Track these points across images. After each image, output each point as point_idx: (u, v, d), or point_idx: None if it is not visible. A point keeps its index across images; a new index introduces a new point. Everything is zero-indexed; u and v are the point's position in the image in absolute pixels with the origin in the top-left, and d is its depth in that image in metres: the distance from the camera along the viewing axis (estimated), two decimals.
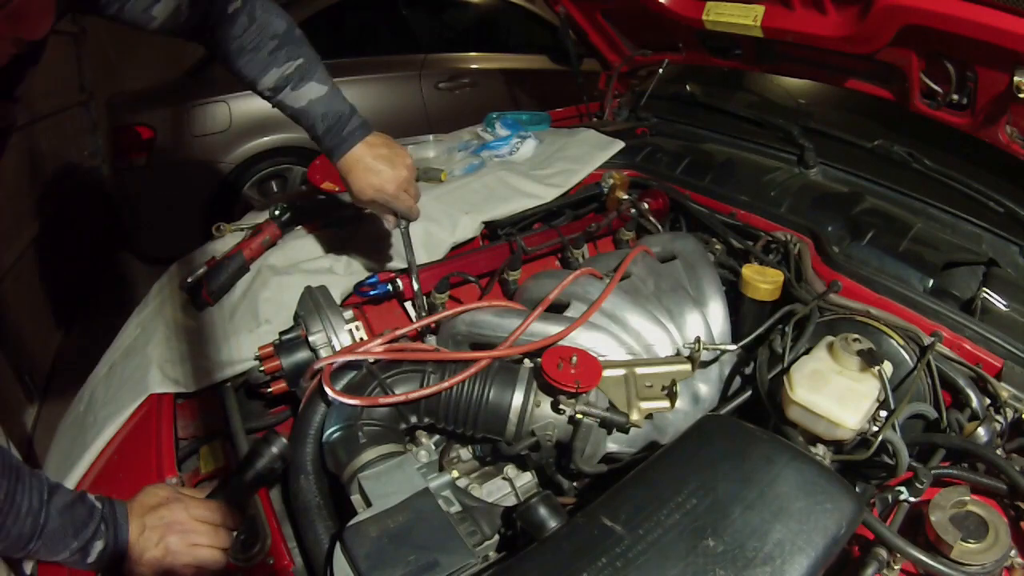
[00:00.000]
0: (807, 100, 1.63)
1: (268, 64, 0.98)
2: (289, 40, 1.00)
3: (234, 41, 0.97)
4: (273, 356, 1.02)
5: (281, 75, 0.99)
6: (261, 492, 0.91)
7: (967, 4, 0.95)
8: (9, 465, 0.66)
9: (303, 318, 1.04)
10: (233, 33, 0.96)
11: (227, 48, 0.98)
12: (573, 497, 0.91)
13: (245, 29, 0.96)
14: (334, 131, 1.04)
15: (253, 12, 0.97)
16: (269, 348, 1.04)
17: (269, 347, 1.04)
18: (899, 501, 0.79)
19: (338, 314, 1.04)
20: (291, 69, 0.99)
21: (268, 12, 0.99)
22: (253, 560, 0.83)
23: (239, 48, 0.97)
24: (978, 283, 1.08)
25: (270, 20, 0.98)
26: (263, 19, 0.98)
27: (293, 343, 1.03)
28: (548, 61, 3.74)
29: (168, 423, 1.05)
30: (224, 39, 0.97)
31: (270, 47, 0.98)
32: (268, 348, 1.04)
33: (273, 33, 0.98)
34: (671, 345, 1.08)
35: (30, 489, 0.66)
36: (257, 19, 0.97)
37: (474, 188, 1.47)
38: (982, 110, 1.09)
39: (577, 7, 1.84)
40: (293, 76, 0.99)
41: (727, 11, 1.43)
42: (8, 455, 0.67)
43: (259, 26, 0.97)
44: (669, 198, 1.46)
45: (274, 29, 0.98)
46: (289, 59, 0.99)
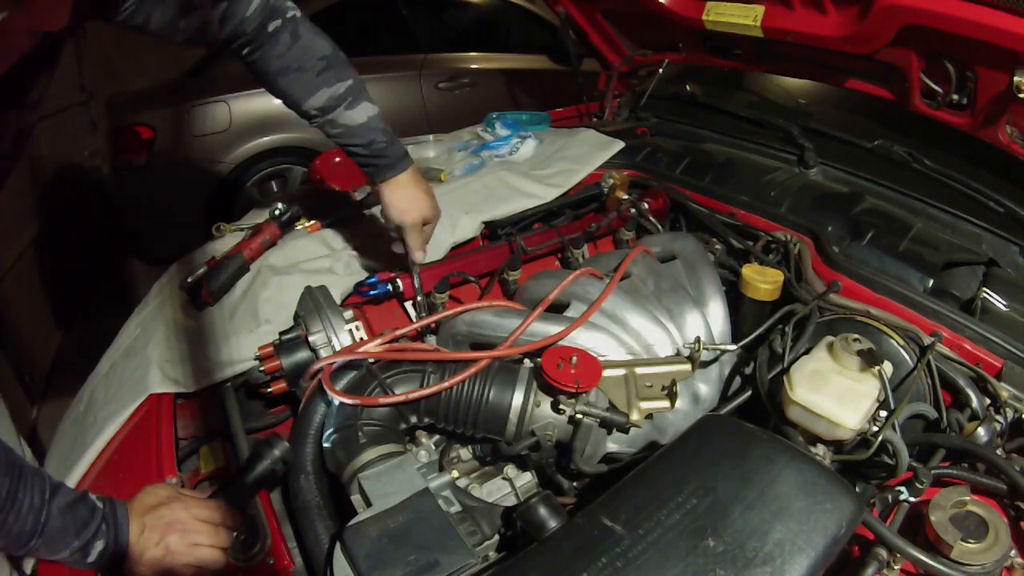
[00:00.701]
0: (807, 100, 1.63)
1: (318, 85, 1.00)
2: (337, 61, 1.02)
3: (277, 60, 0.98)
4: (273, 356, 1.02)
5: (333, 95, 1.01)
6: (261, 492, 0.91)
7: (967, 4, 0.95)
8: (11, 463, 0.66)
9: (303, 318, 1.04)
10: (276, 52, 0.97)
11: (268, 67, 0.99)
12: (573, 497, 0.91)
13: (288, 48, 0.97)
14: (390, 151, 1.08)
15: (297, 31, 0.98)
16: (269, 348, 1.04)
17: (269, 347, 1.04)
18: (899, 501, 0.79)
19: (338, 314, 1.04)
20: (343, 89, 1.01)
21: (313, 33, 1.01)
22: (253, 560, 0.83)
23: (283, 67, 0.99)
24: (978, 283, 1.08)
25: (316, 41, 1.00)
26: (308, 39, 0.99)
27: (293, 343, 1.03)
28: (548, 61, 3.74)
29: (168, 423, 1.05)
30: (265, 58, 0.98)
31: (318, 68, 0.99)
32: (268, 348, 1.04)
33: (321, 55, 1.00)
34: (671, 345, 1.08)
35: (32, 487, 0.66)
36: (301, 38, 0.98)
37: (474, 188, 1.47)
38: (982, 110, 1.09)
39: (577, 7, 1.84)
40: (346, 96, 1.02)
41: (727, 11, 1.43)
42: (11, 453, 0.67)
43: (303, 46, 0.99)
44: (669, 198, 1.46)
45: (321, 51, 1.00)
46: (340, 80, 1.01)
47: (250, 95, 3.08)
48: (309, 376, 0.99)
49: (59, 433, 1.20)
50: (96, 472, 1.05)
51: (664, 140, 1.72)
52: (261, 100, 3.09)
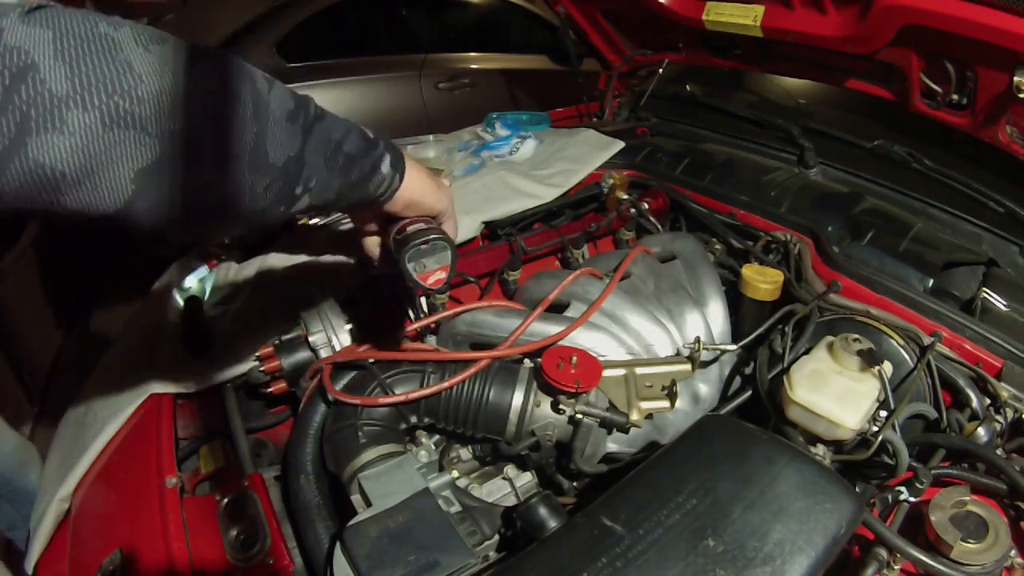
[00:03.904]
0: (807, 100, 1.63)
1: None
2: None
3: None
4: (273, 356, 1.03)
5: None
6: (261, 492, 0.91)
7: (967, 4, 0.95)
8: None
9: (303, 318, 1.04)
10: None
11: None
12: (573, 497, 0.91)
13: None
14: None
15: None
16: (269, 348, 1.04)
17: (269, 347, 1.04)
18: (899, 501, 0.79)
19: (338, 314, 1.04)
20: None
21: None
22: (253, 560, 0.83)
23: None
24: (978, 283, 1.08)
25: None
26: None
27: (293, 343, 1.03)
28: (548, 61, 3.74)
29: (168, 423, 1.05)
30: None
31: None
32: (268, 348, 1.04)
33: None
34: (671, 345, 1.08)
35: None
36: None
37: (474, 188, 1.47)
38: (982, 110, 1.09)
39: (577, 7, 1.84)
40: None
41: (727, 11, 1.43)
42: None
43: None
44: (669, 198, 1.46)
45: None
46: None
47: None
48: (309, 376, 0.99)
49: (59, 433, 1.20)
50: (96, 472, 1.05)
51: (664, 140, 1.72)
52: None
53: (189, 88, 0.49)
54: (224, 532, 0.88)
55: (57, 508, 1.03)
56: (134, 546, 0.89)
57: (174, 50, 0.49)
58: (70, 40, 0.43)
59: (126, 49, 0.46)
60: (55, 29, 0.43)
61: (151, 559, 0.86)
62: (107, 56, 0.45)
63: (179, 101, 0.48)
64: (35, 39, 0.42)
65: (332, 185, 0.63)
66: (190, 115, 0.49)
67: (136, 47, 0.46)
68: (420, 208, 0.75)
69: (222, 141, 0.52)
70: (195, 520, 0.90)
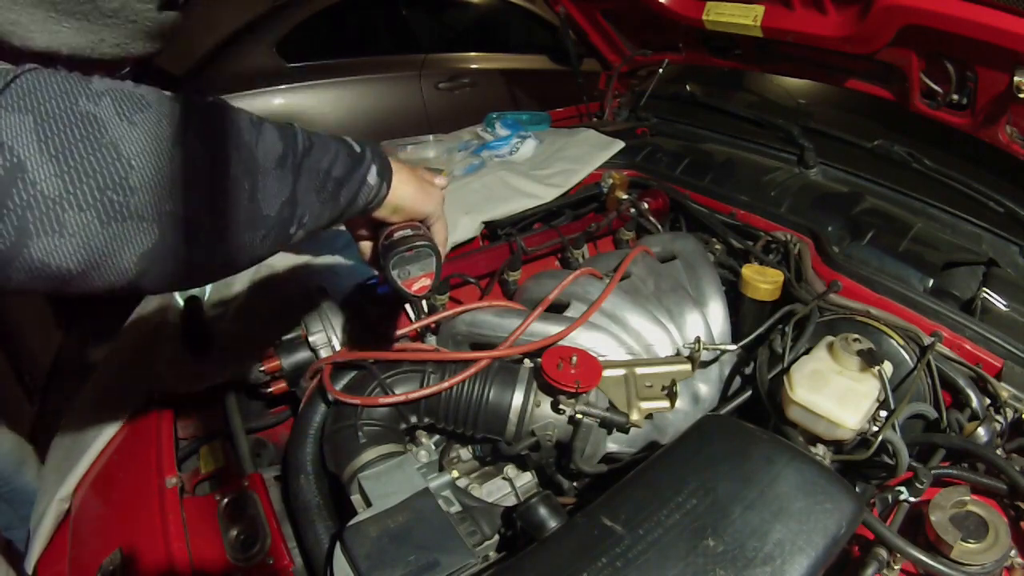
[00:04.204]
0: (807, 100, 1.63)
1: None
2: None
3: None
4: (273, 356, 1.02)
5: None
6: (261, 492, 0.91)
7: (967, 4, 0.95)
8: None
9: (303, 318, 1.04)
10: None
11: None
12: (573, 497, 0.91)
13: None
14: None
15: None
16: (269, 348, 1.04)
17: (269, 347, 1.04)
18: (899, 501, 0.79)
19: (338, 314, 1.04)
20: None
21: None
22: (253, 560, 0.83)
23: None
24: (978, 283, 1.08)
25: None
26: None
27: (293, 343, 1.03)
28: (548, 61, 3.73)
29: (168, 423, 1.05)
30: None
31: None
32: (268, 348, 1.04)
33: None
34: (671, 345, 1.08)
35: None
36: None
37: (474, 188, 1.47)
38: (982, 110, 1.09)
39: (577, 7, 1.84)
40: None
41: (727, 11, 1.43)
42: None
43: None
44: (669, 198, 1.46)
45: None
46: None
47: (250, 95, 3.08)
48: (309, 376, 0.99)
49: (59, 433, 1.20)
50: (96, 472, 1.05)
51: (664, 140, 1.72)
52: (261, 100, 3.09)
53: (180, 163, 0.49)
54: (224, 532, 0.88)
55: (57, 508, 1.03)
56: (134, 546, 0.89)
57: (158, 118, 0.49)
58: (52, 126, 0.43)
59: (110, 128, 0.46)
60: (35, 113, 0.43)
61: (151, 559, 0.86)
62: (92, 142, 0.45)
63: (171, 181, 0.49)
64: (16, 130, 0.42)
65: (324, 214, 0.65)
66: (184, 193, 0.50)
67: (120, 122, 0.46)
68: (406, 212, 0.76)
69: (218, 211, 0.53)
70: (195, 520, 0.90)
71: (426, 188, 0.77)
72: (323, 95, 3.21)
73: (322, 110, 3.21)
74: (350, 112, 3.27)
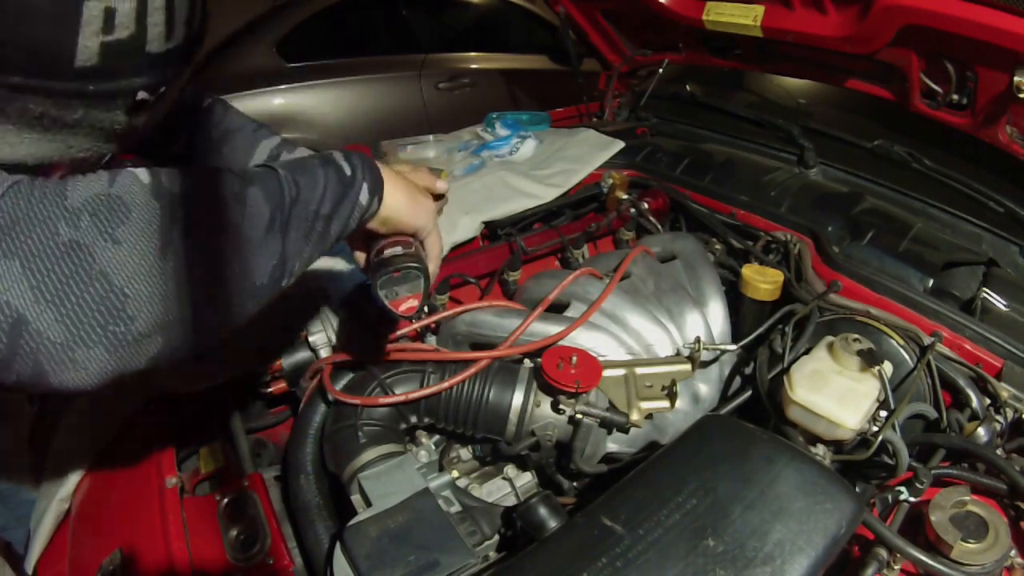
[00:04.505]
0: (807, 100, 1.63)
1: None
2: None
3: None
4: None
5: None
6: (261, 492, 0.91)
7: (967, 4, 0.95)
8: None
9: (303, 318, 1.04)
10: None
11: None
12: (573, 497, 0.91)
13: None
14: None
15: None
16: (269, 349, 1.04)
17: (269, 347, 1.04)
18: (899, 501, 0.79)
19: (338, 314, 1.04)
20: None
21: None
22: (253, 560, 0.83)
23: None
24: (978, 283, 1.08)
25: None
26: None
27: (293, 343, 1.03)
28: (548, 61, 3.73)
29: (168, 423, 1.05)
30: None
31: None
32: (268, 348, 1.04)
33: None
34: (671, 345, 1.08)
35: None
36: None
37: (474, 188, 1.47)
38: (982, 110, 1.09)
39: (577, 7, 1.84)
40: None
41: (727, 11, 1.43)
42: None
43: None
44: (669, 198, 1.46)
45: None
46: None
47: (250, 95, 3.08)
48: (309, 376, 0.99)
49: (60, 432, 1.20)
50: (96, 472, 1.05)
51: (664, 140, 1.72)
52: (261, 100, 3.09)
53: (170, 272, 0.50)
54: (224, 532, 0.88)
55: (57, 508, 1.03)
56: (134, 546, 0.89)
57: (140, 227, 0.48)
58: (40, 266, 0.43)
59: (97, 256, 0.46)
60: (20, 256, 0.43)
61: (151, 559, 0.86)
62: (83, 276, 0.45)
63: (166, 294, 0.50)
64: (7, 281, 0.42)
65: (315, 254, 0.66)
66: (181, 301, 0.51)
67: (104, 243, 0.46)
68: (395, 225, 0.75)
69: (215, 304, 0.55)
70: (195, 520, 0.90)
71: (417, 200, 0.76)
72: (323, 95, 3.21)
73: (322, 110, 3.21)
74: (350, 112, 3.27)
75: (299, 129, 3.16)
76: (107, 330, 0.46)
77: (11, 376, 0.45)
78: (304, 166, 0.65)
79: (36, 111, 0.49)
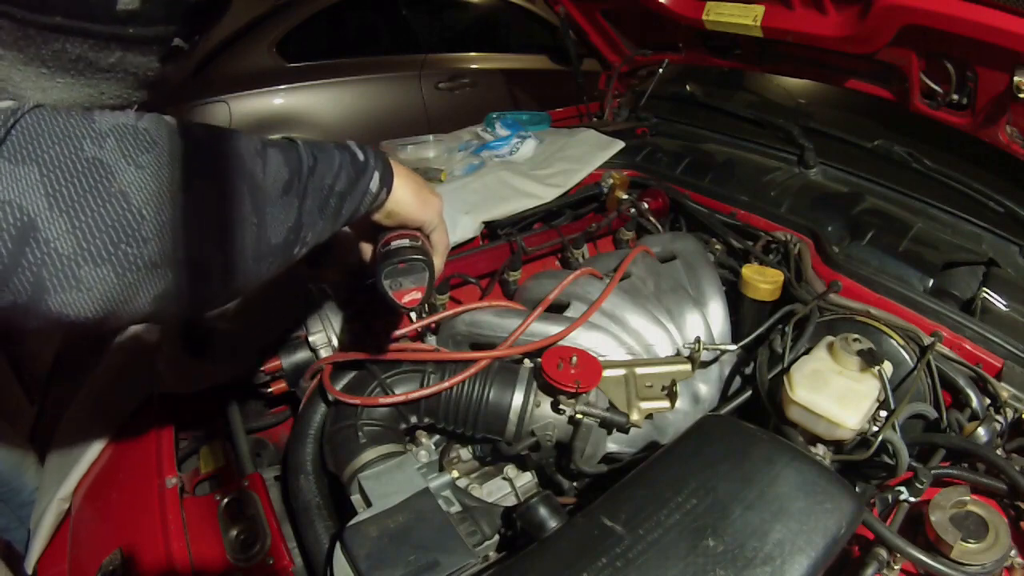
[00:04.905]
0: (807, 100, 1.63)
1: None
2: None
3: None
4: (273, 356, 1.02)
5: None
6: (261, 492, 0.91)
7: (967, 4, 0.95)
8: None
9: (303, 318, 1.04)
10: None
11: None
12: (573, 497, 0.91)
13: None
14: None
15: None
16: (269, 348, 1.04)
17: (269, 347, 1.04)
18: (899, 501, 0.79)
19: (338, 314, 1.04)
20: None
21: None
22: (253, 560, 0.83)
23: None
24: (978, 283, 1.08)
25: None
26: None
27: (293, 343, 1.03)
28: (548, 61, 3.74)
29: (168, 423, 1.05)
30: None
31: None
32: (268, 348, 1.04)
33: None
34: (671, 345, 1.08)
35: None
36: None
37: (474, 188, 1.47)
38: (982, 110, 1.09)
39: (577, 7, 1.84)
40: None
41: (727, 11, 1.43)
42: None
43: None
44: (669, 198, 1.46)
45: None
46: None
47: (250, 95, 3.08)
48: (309, 376, 0.99)
49: (59, 433, 1.20)
50: (96, 472, 1.05)
51: (664, 140, 1.72)
52: (261, 100, 3.09)
53: (189, 207, 0.49)
54: (224, 532, 0.88)
55: (57, 508, 1.03)
56: (134, 546, 0.89)
57: (164, 158, 0.48)
58: (59, 177, 0.43)
59: (118, 175, 0.45)
60: (39, 163, 0.42)
61: (151, 559, 0.86)
62: (102, 192, 0.44)
63: (182, 226, 0.49)
64: (23, 185, 0.41)
65: (327, 230, 0.65)
66: (195, 236, 0.50)
67: (127, 167, 0.46)
68: (401, 218, 0.75)
69: (228, 249, 0.54)
70: (195, 520, 0.90)
71: (424, 195, 0.77)
72: (323, 95, 3.21)
73: (322, 110, 3.21)
74: (350, 112, 3.27)
75: (299, 129, 3.16)
76: (119, 248, 0.45)
77: (7, 296, 0.43)
78: (321, 145, 0.65)
79: (73, 54, 0.48)
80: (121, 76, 0.53)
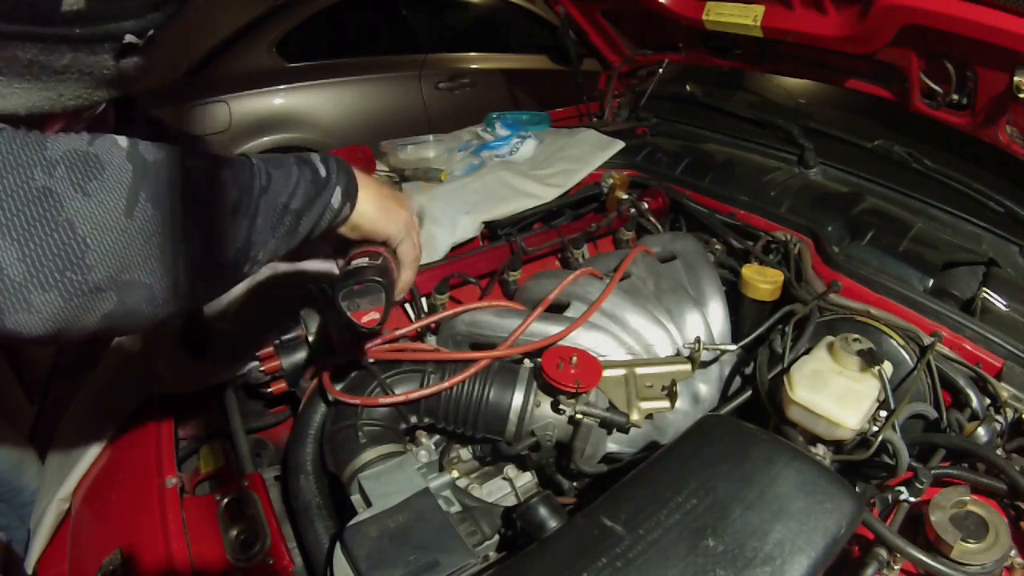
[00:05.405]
0: (807, 100, 1.63)
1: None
2: None
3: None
4: (273, 356, 1.02)
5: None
6: (261, 492, 0.91)
7: (967, 4, 0.95)
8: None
9: (303, 318, 1.04)
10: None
11: None
12: (573, 497, 0.91)
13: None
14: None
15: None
16: (269, 348, 1.04)
17: (269, 347, 1.04)
18: (899, 501, 0.79)
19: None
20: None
21: None
22: (253, 560, 0.83)
23: None
24: (978, 283, 1.08)
25: None
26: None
27: (293, 343, 1.03)
28: (548, 61, 3.74)
29: (168, 423, 1.05)
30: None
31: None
32: (268, 348, 1.04)
33: None
34: (671, 345, 1.08)
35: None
36: None
37: (474, 188, 1.47)
38: (982, 110, 1.09)
39: (577, 7, 1.84)
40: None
41: (727, 11, 1.43)
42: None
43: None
44: (669, 198, 1.46)
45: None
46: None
47: (250, 95, 3.08)
48: (309, 376, 0.99)
49: (59, 433, 1.20)
50: (96, 472, 1.05)
51: (664, 140, 1.72)
52: (261, 100, 3.09)
53: (134, 233, 0.51)
54: (224, 532, 0.88)
55: (57, 508, 1.03)
56: (134, 546, 0.89)
57: (111, 184, 0.49)
58: (11, 206, 0.45)
59: (65, 204, 0.47)
60: None
61: (151, 559, 0.86)
62: (50, 221, 0.46)
63: (125, 252, 0.50)
64: None
65: (281, 247, 0.66)
66: (138, 261, 0.51)
67: (74, 194, 0.47)
68: (365, 232, 0.75)
69: (173, 272, 0.55)
70: (195, 520, 0.90)
71: (389, 207, 0.76)
72: (323, 95, 3.21)
73: (322, 110, 3.21)
74: (350, 112, 3.27)
75: (299, 129, 3.16)
76: (64, 275, 0.47)
77: None
78: (279, 161, 0.65)
79: (24, 59, 0.49)
80: (77, 77, 0.54)
